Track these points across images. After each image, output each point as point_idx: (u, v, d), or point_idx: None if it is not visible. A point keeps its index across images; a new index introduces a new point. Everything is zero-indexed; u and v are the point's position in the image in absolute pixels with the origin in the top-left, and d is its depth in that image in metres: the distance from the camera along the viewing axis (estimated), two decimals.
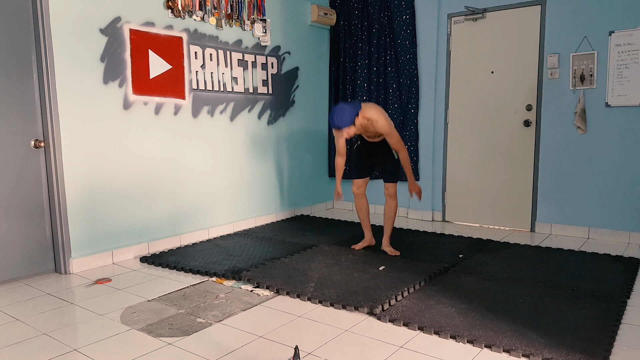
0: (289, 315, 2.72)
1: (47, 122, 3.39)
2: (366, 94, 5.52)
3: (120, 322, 2.65)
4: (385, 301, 2.81)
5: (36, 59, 3.38)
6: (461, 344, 2.35)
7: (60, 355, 2.29)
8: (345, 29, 5.63)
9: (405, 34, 5.20)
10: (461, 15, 4.93)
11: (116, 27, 3.68)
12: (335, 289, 3.03)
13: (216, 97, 4.48)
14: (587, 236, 4.39)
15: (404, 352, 2.28)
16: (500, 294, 2.94)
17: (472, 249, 3.97)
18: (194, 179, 4.35)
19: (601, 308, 2.71)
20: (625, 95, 4.12)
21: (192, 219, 4.36)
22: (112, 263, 3.75)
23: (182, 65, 4.16)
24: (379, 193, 5.60)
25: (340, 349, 2.32)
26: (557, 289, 3.02)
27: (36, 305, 2.92)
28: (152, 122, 3.98)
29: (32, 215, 3.43)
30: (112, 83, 3.68)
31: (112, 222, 3.75)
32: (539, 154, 4.58)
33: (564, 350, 2.21)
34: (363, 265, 3.50)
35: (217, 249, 4.02)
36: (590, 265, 3.52)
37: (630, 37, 4.06)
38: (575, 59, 4.31)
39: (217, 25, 4.42)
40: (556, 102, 4.45)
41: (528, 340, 2.32)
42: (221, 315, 2.73)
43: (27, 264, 3.42)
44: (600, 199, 4.31)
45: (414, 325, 2.51)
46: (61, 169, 3.43)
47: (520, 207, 4.74)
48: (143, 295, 3.05)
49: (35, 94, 3.40)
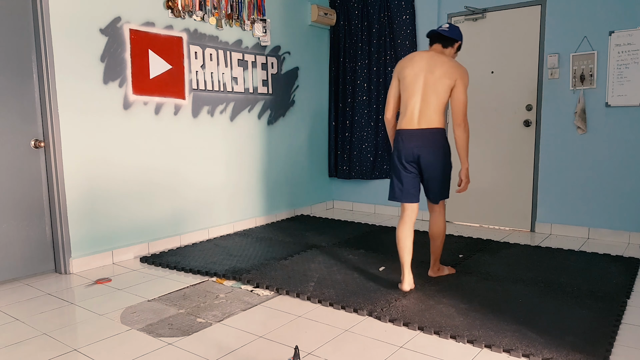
0: (289, 315, 2.72)
1: (47, 122, 3.39)
2: (366, 94, 5.52)
3: (120, 322, 2.65)
4: (384, 302, 2.81)
5: (36, 59, 3.38)
6: (461, 343, 2.35)
7: (60, 355, 2.29)
8: (345, 29, 5.63)
9: (405, 34, 5.19)
10: (461, 15, 4.93)
11: (116, 27, 3.68)
12: (335, 289, 3.04)
13: (216, 97, 4.48)
14: (587, 236, 4.39)
15: (404, 352, 2.28)
16: (500, 294, 2.94)
17: (472, 249, 3.97)
18: (194, 179, 4.34)
19: (601, 308, 2.71)
20: (625, 95, 4.11)
21: (192, 218, 4.36)
22: (112, 263, 3.75)
23: (182, 65, 4.16)
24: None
25: (340, 349, 2.32)
26: (557, 288, 3.02)
27: (36, 305, 2.92)
28: (152, 122, 3.98)
29: (32, 215, 3.42)
30: (112, 83, 3.68)
31: (112, 222, 3.75)
32: (539, 154, 4.58)
33: (564, 350, 2.21)
34: (363, 266, 3.50)
35: (217, 249, 4.02)
36: (590, 265, 3.52)
37: (630, 37, 4.06)
38: (575, 59, 4.31)
39: (217, 25, 4.41)
40: (556, 102, 4.45)
41: (528, 340, 2.32)
42: (221, 315, 2.73)
43: (27, 264, 3.42)
44: (600, 199, 4.31)
45: (414, 325, 2.51)
46: (61, 169, 3.43)
47: (520, 207, 4.74)
48: (143, 295, 3.05)
49: (35, 94, 3.40)
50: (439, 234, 3.16)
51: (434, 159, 2.96)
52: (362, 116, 5.56)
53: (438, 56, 2.99)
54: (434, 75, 2.92)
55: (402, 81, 3.02)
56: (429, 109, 2.93)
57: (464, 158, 3.02)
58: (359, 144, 5.60)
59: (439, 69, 2.93)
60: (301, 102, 5.45)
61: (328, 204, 5.99)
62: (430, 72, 2.93)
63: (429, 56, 2.99)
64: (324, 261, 3.63)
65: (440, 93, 2.93)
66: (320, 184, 5.85)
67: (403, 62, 3.05)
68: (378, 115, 5.48)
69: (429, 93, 2.93)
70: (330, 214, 5.62)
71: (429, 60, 2.97)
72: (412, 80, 2.96)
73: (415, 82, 2.95)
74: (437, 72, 2.92)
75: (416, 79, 2.95)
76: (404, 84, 3.01)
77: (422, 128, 2.95)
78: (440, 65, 2.94)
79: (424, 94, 2.94)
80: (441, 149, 2.98)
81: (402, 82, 3.02)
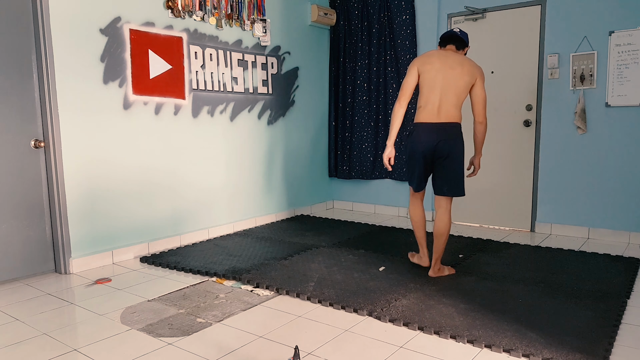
0: (289, 315, 2.72)
1: (47, 122, 3.39)
2: (366, 94, 5.52)
3: (120, 322, 2.65)
4: (384, 302, 2.81)
5: (36, 59, 3.38)
6: (461, 343, 2.35)
7: (60, 355, 2.29)
8: (345, 29, 5.63)
9: (405, 34, 5.20)
10: (461, 15, 4.93)
11: (116, 27, 3.68)
12: (335, 289, 3.04)
13: (216, 97, 4.48)
14: (587, 236, 4.39)
15: (404, 352, 2.28)
16: (500, 294, 2.94)
17: (472, 249, 3.97)
18: (194, 179, 4.35)
19: (601, 308, 2.71)
20: (625, 95, 4.12)
21: (192, 218, 4.36)
22: (112, 263, 3.75)
23: (182, 65, 4.16)
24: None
25: (341, 349, 2.32)
26: (557, 289, 3.02)
27: (36, 305, 2.92)
28: (152, 122, 3.98)
29: (32, 215, 3.43)
30: (112, 83, 3.68)
31: (112, 222, 3.75)
32: (539, 154, 4.58)
33: (563, 351, 2.22)
34: (363, 266, 3.50)
35: (217, 249, 4.02)
36: (591, 265, 3.52)
37: (630, 37, 4.06)
38: (575, 59, 4.31)
39: (217, 25, 4.42)
40: (556, 102, 4.45)
41: (528, 340, 2.32)
42: (221, 315, 2.73)
43: (27, 264, 3.42)
44: (600, 199, 4.31)
45: (414, 325, 2.51)
46: (61, 169, 3.43)
47: (520, 207, 4.74)
48: (143, 295, 3.05)
49: (35, 93, 3.40)
50: (443, 232, 3.20)
51: (453, 151, 3.11)
52: (362, 116, 5.56)
53: (457, 55, 3.14)
54: (455, 72, 3.06)
55: (422, 75, 3.12)
56: (448, 103, 3.08)
57: (480, 149, 3.31)
58: (359, 144, 5.61)
59: (460, 66, 3.07)
60: (301, 102, 5.46)
61: (328, 204, 5.99)
62: (451, 68, 3.07)
63: (448, 54, 3.13)
64: (324, 261, 3.63)
65: (460, 89, 3.08)
66: (320, 184, 5.85)
67: (424, 58, 3.16)
68: (378, 115, 5.48)
69: (450, 89, 3.06)
70: (330, 214, 5.62)
71: (449, 58, 3.11)
72: (434, 76, 3.08)
73: (436, 78, 3.07)
74: (458, 69, 3.06)
75: (437, 74, 3.07)
76: (425, 78, 3.11)
77: (443, 122, 3.09)
78: (459, 63, 3.09)
79: (445, 89, 3.07)
80: (460, 142, 3.15)
81: (423, 76, 3.12)
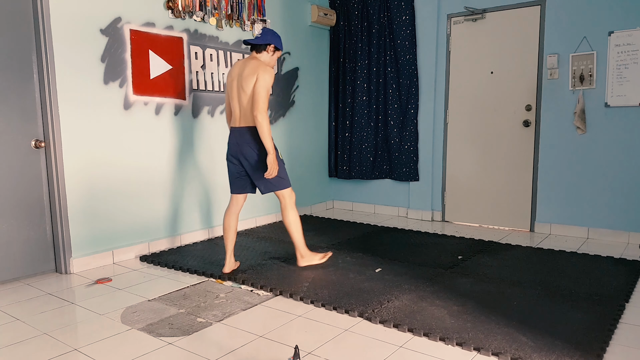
0: (289, 315, 2.73)
1: (48, 122, 3.40)
2: (366, 94, 5.53)
3: (120, 321, 2.66)
4: (377, 303, 2.80)
5: (37, 59, 3.39)
6: (450, 346, 2.33)
7: (60, 355, 2.30)
8: (345, 29, 5.64)
9: (405, 34, 5.20)
10: (461, 16, 4.94)
11: (116, 27, 3.68)
12: (329, 289, 3.03)
13: (216, 97, 4.49)
14: (587, 236, 4.40)
15: (404, 352, 2.28)
16: (495, 297, 2.91)
17: (472, 250, 3.97)
18: (194, 178, 4.35)
19: (597, 311, 2.66)
20: (625, 95, 4.12)
21: (193, 218, 4.36)
22: (112, 263, 3.76)
23: (183, 65, 4.16)
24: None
25: (340, 349, 2.32)
26: (554, 291, 2.99)
27: (37, 305, 2.93)
28: (153, 122, 3.99)
29: (32, 215, 3.43)
30: (113, 83, 3.69)
31: (113, 221, 3.76)
32: (539, 154, 4.58)
33: (553, 355, 2.18)
34: (359, 267, 3.50)
35: (217, 249, 4.03)
36: (590, 267, 3.50)
37: (629, 37, 4.07)
38: (574, 59, 4.32)
39: (218, 26, 4.42)
40: (556, 102, 4.46)
41: (518, 344, 2.29)
42: (221, 315, 2.74)
43: (27, 263, 3.43)
44: (600, 199, 4.32)
45: (403, 327, 2.49)
46: (61, 169, 3.44)
47: (520, 207, 4.74)
48: (143, 295, 3.06)
49: (35, 94, 3.41)
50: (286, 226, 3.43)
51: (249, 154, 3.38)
52: (362, 116, 5.57)
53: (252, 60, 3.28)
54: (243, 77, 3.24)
55: None
56: None
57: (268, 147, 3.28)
58: (359, 144, 5.61)
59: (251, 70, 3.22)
60: (301, 102, 5.46)
61: (328, 203, 6.00)
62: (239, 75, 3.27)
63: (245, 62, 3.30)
64: None
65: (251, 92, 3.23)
66: (320, 184, 5.86)
67: None
68: (378, 116, 5.49)
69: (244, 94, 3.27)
70: (330, 214, 5.63)
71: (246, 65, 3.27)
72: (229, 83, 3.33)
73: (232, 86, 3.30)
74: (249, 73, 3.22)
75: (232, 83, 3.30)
76: None
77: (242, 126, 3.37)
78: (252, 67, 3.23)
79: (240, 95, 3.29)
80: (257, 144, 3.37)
81: None
